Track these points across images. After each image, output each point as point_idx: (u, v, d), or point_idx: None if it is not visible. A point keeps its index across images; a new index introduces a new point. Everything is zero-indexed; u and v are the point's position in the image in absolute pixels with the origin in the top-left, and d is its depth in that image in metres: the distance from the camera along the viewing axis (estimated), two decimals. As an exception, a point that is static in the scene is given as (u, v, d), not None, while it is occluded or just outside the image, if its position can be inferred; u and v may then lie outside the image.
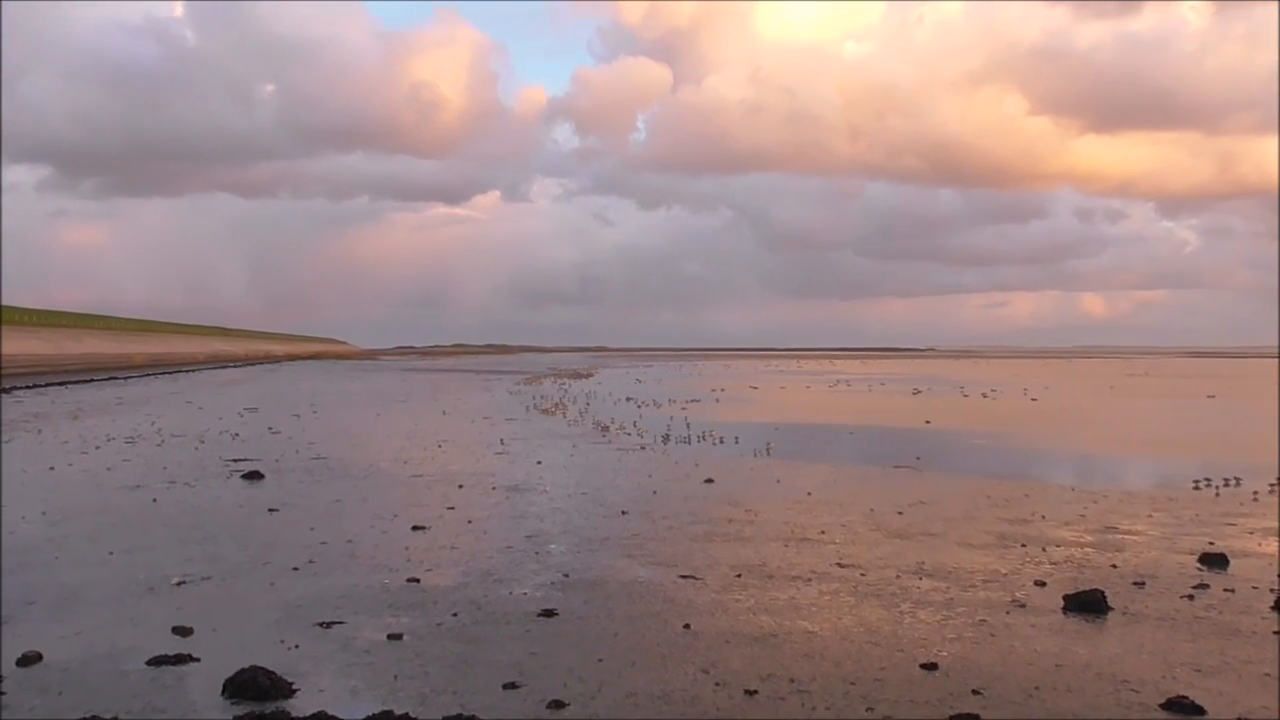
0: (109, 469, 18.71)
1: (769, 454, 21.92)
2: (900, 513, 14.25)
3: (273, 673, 7.04)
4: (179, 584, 9.92)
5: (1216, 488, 16.62)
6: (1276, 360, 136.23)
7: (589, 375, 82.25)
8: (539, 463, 20.15)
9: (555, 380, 68.82)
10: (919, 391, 53.32)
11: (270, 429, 27.94)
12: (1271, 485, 16.81)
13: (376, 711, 6.50)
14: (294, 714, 6.48)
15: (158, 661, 7.53)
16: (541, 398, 45.06)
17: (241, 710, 6.59)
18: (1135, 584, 10.05)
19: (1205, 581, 10.14)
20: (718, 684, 7.02)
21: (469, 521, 13.35)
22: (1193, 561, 11.06)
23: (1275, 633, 8.33)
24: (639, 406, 39.06)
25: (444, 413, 35.11)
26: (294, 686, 6.98)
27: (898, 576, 10.35)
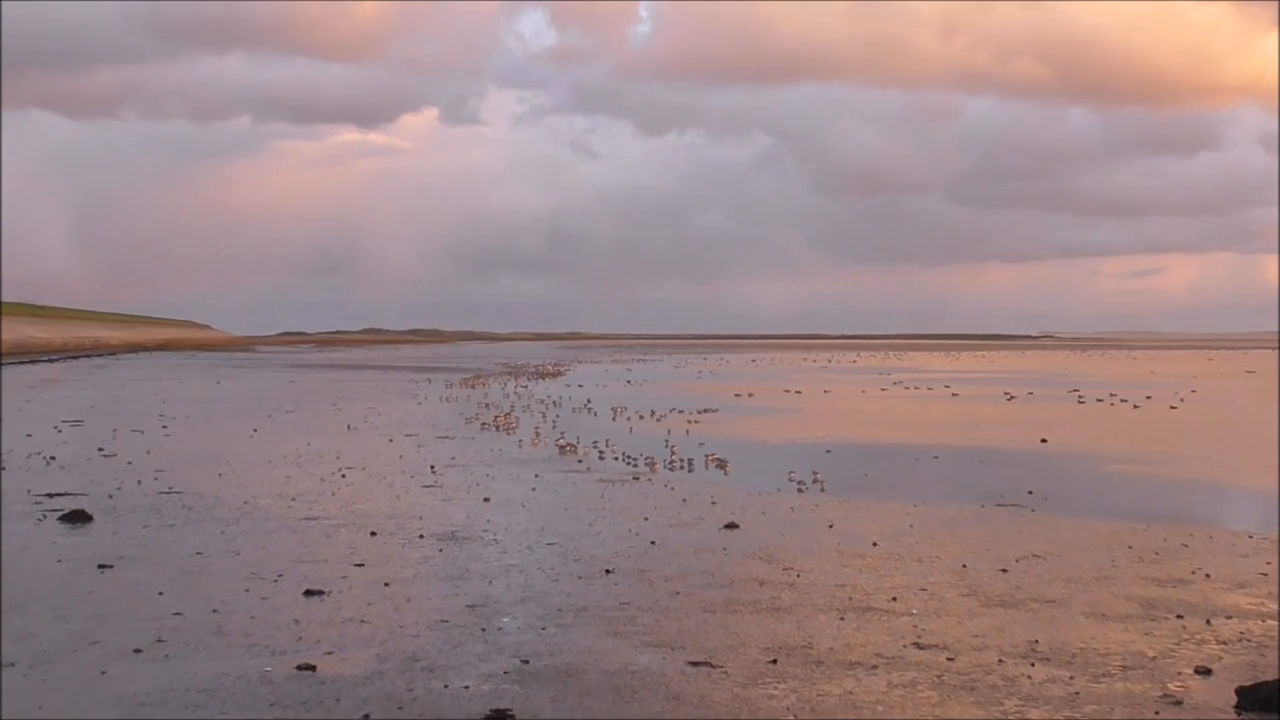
0: None
1: (818, 487, 21.98)
2: (1005, 570, 14.33)
3: (104, 801, 6.99)
4: (-31, 673, 9.89)
5: None
6: None
7: (558, 374, 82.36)
8: (486, 500, 20.20)
9: (510, 380, 68.93)
10: (1012, 397, 53.44)
11: (101, 450, 27.93)
12: None
13: None
14: None
15: (-62, 785, 7.50)
16: (489, 406, 45.11)
17: None
18: (1339, 672, 10.11)
19: None
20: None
21: (385, 584, 13.38)
22: None
23: None
24: (630, 419, 39.14)
25: (349, 427, 35.12)
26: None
27: (1000, 661, 10.40)
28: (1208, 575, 14.08)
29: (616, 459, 26.62)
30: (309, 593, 12.84)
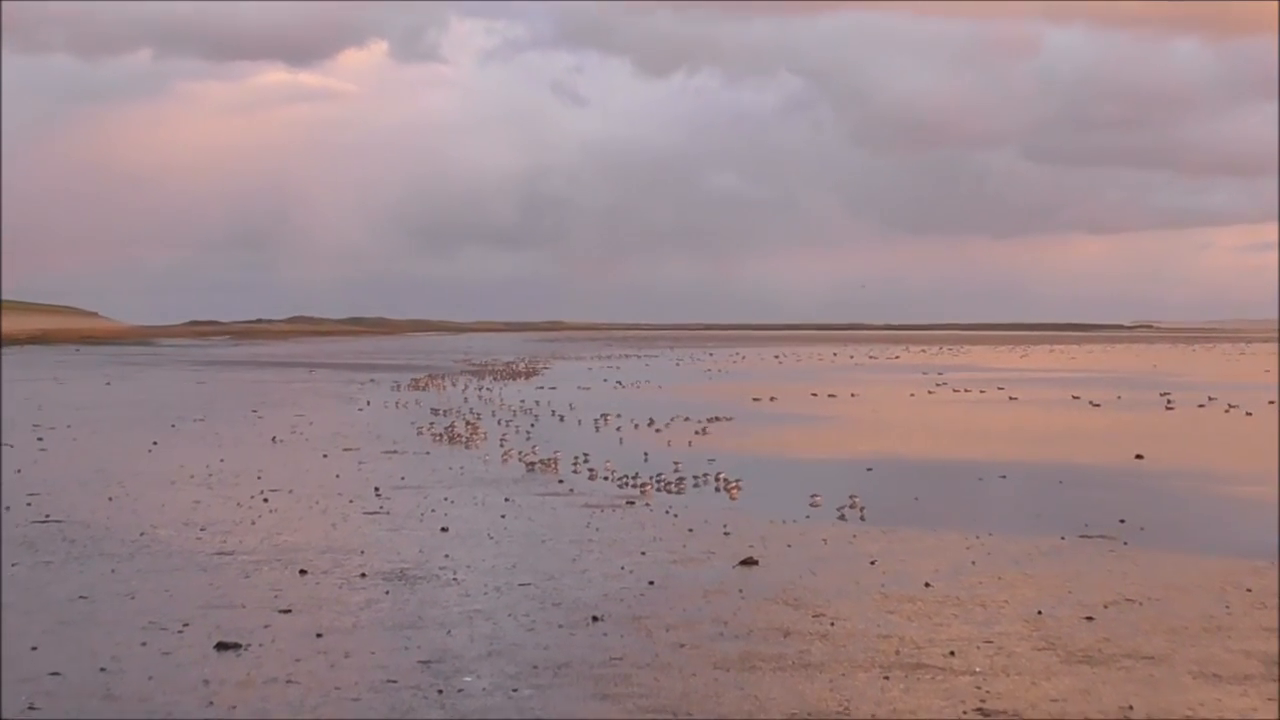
0: None
1: (856, 514, 21.97)
2: (1090, 618, 14.29)
3: None
4: None
5: None
6: None
7: (532, 372, 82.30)
8: (443, 530, 20.16)
9: (473, 381, 68.90)
10: (1096, 404, 53.43)
11: (-38, 468, 27.86)
12: None
13: None
14: None
15: None
16: (447, 413, 45.07)
17: None
18: None
19: None
20: None
21: (318, 635, 13.33)
22: None
23: None
24: (621, 429, 39.12)
25: (274, 440, 35.09)
26: None
27: (1086, 732, 10.36)
28: (1344, 624, 14.03)
29: (605, 479, 26.54)
30: (222, 646, 12.76)
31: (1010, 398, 56.29)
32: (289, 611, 14.33)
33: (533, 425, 40.23)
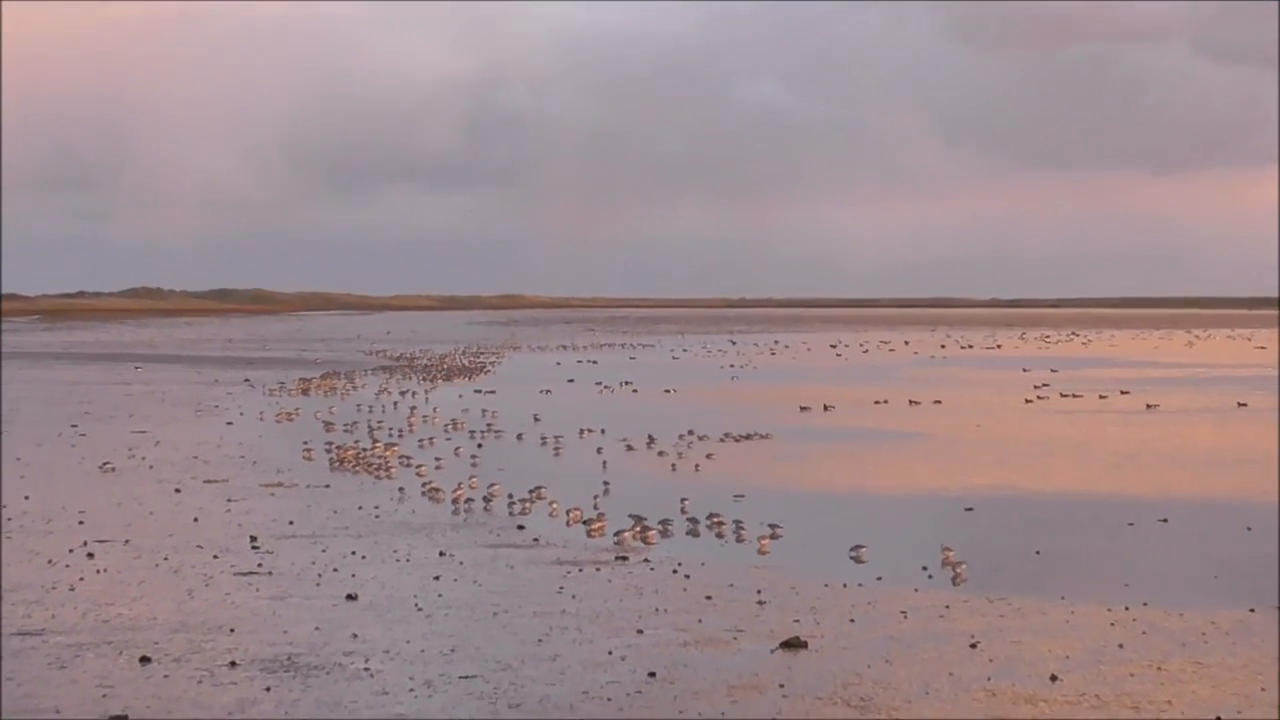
0: None
1: (948, 574, 21.94)
2: (1291, 727, 14.30)
3: None
4: None
5: None
6: None
7: (478, 368, 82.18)
8: (350, 598, 20.14)
9: (391, 381, 68.80)
10: (1241, 405, 53.39)
11: None
12: None
13: None
14: None
15: None
16: (353, 427, 45.05)
17: None
18: None
19: None
20: None
21: (167, 752, 13.35)
22: None
23: None
24: (604, 450, 39.14)
25: (105, 467, 35.01)
26: None
27: None
28: None
29: (585, 523, 26.47)
30: (26, 769, 12.78)
31: (1147, 405, 55.73)
32: (124, 719, 14.27)
33: (479, 445, 40.19)
